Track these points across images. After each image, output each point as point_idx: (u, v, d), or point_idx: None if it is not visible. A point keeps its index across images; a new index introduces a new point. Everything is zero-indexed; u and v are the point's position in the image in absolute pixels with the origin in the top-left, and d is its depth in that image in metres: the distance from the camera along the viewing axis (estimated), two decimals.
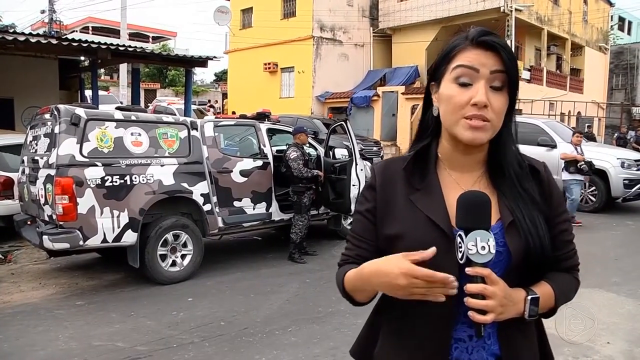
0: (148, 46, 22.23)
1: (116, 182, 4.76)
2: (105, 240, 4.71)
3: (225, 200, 5.59)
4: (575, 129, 10.29)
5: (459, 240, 0.98)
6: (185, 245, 5.26)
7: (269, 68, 20.76)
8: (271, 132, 6.42)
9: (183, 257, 5.27)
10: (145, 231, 4.98)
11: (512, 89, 1.06)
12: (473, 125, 1.02)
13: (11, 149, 6.62)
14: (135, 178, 4.88)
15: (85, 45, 8.80)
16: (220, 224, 5.55)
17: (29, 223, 5.27)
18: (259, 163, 5.97)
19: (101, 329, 3.96)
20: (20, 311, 4.38)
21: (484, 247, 0.94)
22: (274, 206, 6.05)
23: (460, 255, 0.97)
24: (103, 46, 9.20)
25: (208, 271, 5.51)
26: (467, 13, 17.82)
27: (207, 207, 5.40)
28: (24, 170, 5.42)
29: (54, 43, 8.55)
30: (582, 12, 22.29)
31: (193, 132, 5.45)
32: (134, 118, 5.10)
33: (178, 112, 11.66)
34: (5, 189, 6.40)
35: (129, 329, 3.99)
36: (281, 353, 3.55)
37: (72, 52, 9.36)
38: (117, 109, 5.44)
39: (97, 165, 4.69)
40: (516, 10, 17.44)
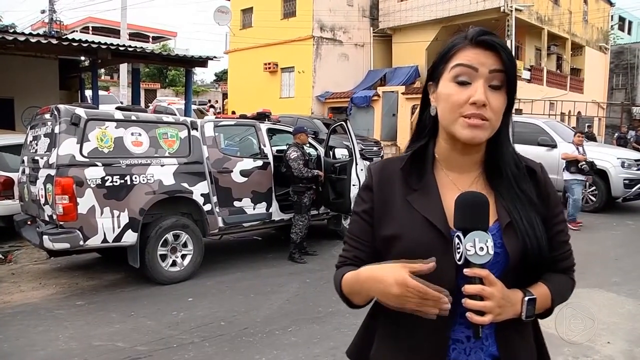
0: (148, 46, 22.24)
1: (116, 182, 4.77)
2: (105, 240, 4.71)
3: (226, 200, 5.59)
4: (576, 129, 10.28)
5: (457, 241, 0.97)
6: (185, 245, 5.27)
7: (269, 68, 20.75)
8: (271, 132, 6.43)
9: (183, 257, 5.27)
10: (145, 231, 4.98)
11: (510, 89, 1.06)
12: (472, 123, 1.02)
13: (11, 149, 6.62)
14: (136, 178, 4.89)
15: (85, 45, 8.80)
16: (221, 224, 5.56)
17: (29, 223, 5.27)
18: (259, 163, 5.97)
19: (101, 329, 3.96)
20: (20, 311, 4.38)
21: (482, 248, 0.94)
22: (274, 206, 6.05)
23: (458, 257, 0.97)
24: (103, 46, 9.21)
25: (208, 271, 5.51)
26: (467, 13, 17.82)
27: (207, 207, 5.40)
28: (24, 170, 5.42)
29: (54, 43, 8.55)
30: (582, 12, 22.27)
31: (193, 132, 5.45)
32: (134, 118, 5.11)
33: (178, 112, 11.65)
34: (5, 189, 6.40)
35: (129, 329, 3.99)
36: (281, 353, 3.56)
37: (72, 52, 9.36)
38: (117, 109, 5.44)
39: (97, 165, 4.69)
40: (516, 10, 17.42)
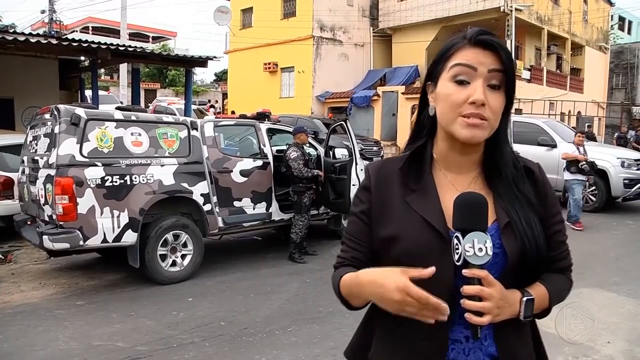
0: (148, 46, 22.22)
1: (116, 182, 4.77)
2: (105, 240, 4.71)
3: (226, 200, 5.59)
4: (576, 128, 10.28)
5: (455, 241, 0.97)
6: (185, 245, 5.27)
7: (269, 68, 20.75)
8: (271, 132, 6.43)
9: (183, 257, 5.27)
10: (145, 231, 4.98)
11: (509, 89, 1.06)
12: (470, 123, 1.02)
13: (11, 149, 6.62)
14: (135, 178, 4.89)
15: (85, 45, 8.80)
16: (221, 223, 5.56)
17: (29, 223, 5.28)
18: (259, 163, 5.97)
19: (101, 329, 3.96)
20: (20, 311, 4.38)
21: (481, 249, 0.94)
22: (274, 206, 6.05)
23: (457, 257, 0.97)
24: (103, 46, 9.20)
25: (208, 271, 5.51)
26: (467, 13, 17.82)
27: (207, 207, 5.40)
28: (24, 170, 5.42)
29: (54, 43, 8.55)
30: (582, 12, 22.27)
31: (193, 132, 5.45)
32: (134, 118, 5.11)
33: (178, 112, 11.67)
34: (5, 189, 6.40)
35: (129, 329, 3.99)
36: (281, 353, 3.56)
37: (72, 52, 9.36)
38: (117, 109, 5.44)
39: (97, 165, 4.69)
40: (516, 10, 17.42)
